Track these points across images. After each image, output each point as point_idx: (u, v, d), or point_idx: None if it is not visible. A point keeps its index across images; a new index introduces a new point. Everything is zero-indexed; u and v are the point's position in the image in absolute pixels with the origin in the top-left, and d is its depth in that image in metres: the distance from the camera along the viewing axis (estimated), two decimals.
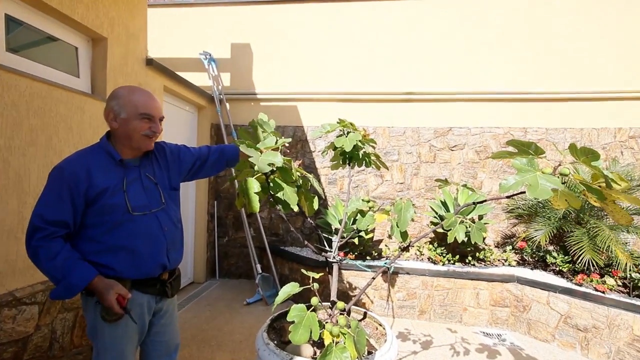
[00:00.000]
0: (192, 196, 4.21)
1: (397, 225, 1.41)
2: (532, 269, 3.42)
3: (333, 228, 3.74)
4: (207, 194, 4.29)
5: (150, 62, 3.01)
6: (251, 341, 2.77)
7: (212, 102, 4.30)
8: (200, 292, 3.86)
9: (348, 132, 1.74)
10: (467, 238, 1.40)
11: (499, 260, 3.65)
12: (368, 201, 1.55)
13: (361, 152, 1.80)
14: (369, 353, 1.34)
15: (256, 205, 1.37)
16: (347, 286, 3.42)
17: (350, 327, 1.20)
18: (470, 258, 3.51)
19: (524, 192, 1.24)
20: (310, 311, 1.22)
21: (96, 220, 1.24)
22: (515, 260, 3.63)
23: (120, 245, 1.27)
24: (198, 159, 1.62)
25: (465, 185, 1.43)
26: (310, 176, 1.76)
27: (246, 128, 1.53)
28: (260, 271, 3.83)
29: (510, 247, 3.71)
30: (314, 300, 1.29)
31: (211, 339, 2.79)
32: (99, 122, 2.44)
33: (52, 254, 1.14)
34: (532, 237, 3.33)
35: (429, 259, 3.65)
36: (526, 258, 3.67)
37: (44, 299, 2.00)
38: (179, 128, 3.90)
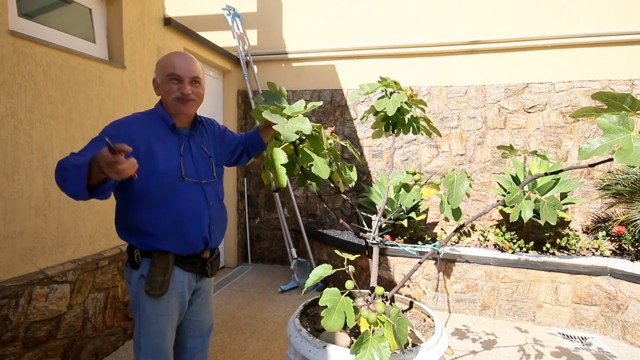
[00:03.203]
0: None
1: (447, 201, 1.39)
2: (632, 260, 3.19)
3: (378, 208, 3.75)
4: (236, 171, 4.48)
5: (168, 22, 3.13)
6: (286, 330, 2.93)
7: (237, 64, 4.40)
8: (232, 277, 4.13)
9: (391, 93, 1.71)
10: (546, 221, 1.34)
11: (587, 248, 3.44)
12: (414, 173, 1.53)
13: (407, 117, 1.76)
14: (414, 346, 1.37)
15: (283, 178, 1.43)
16: (395, 275, 3.45)
17: (390, 314, 1.24)
18: (548, 245, 3.35)
19: (612, 160, 1.15)
20: (345, 296, 1.27)
21: (146, 186, 1.39)
22: (609, 250, 3.40)
23: (167, 214, 1.42)
24: (240, 144, 1.79)
25: (535, 152, 1.35)
26: (347, 142, 1.77)
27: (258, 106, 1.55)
28: (296, 256, 3.99)
29: (604, 232, 3.47)
30: (349, 284, 1.34)
31: (244, 326, 3.00)
32: (119, 91, 2.63)
33: (68, 157, 1.21)
34: (635, 220, 3.08)
35: (495, 245, 3.54)
36: (625, 246, 3.43)
37: (75, 278, 2.28)
38: None
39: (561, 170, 1.33)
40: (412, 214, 3.58)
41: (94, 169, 1.12)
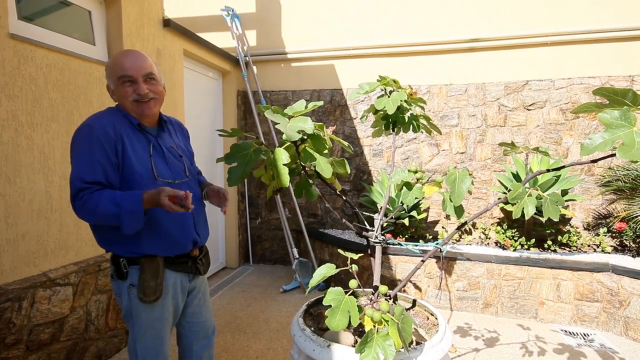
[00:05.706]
0: (219, 174, 4.42)
1: (450, 199, 1.39)
2: (633, 256, 3.19)
3: (379, 207, 3.74)
4: None
5: (167, 23, 3.13)
6: (288, 330, 2.93)
7: (237, 65, 4.40)
8: (233, 278, 4.13)
9: (390, 92, 1.71)
10: (547, 218, 1.33)
11: (588, 245, 3.44)
12: (415, 171, 1.53)
13: (407, 115, 1.76)
14: (418, 344, 1.37)
15: (286, 178, 1.42)
16: (397, 274, 3.45)
17: (394, 313, 1.24)
18: (550, 242, 3.35)
19: (614, 155, 1.15)
20: (349, 295, 1.27)
21: (129, 190, 1.36)
22: (611, 246, 3.40)
23: (151, 218, 1.38)
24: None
25: (537, 149, 1.35)
26: (336, 138, 1.77)
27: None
28: (297, 256, 3.99)
29: (605, 229, 3.47)
30: (352, 283, 1.34)
31: (246, 326, 3.00)
32: None
33: (97, 199, 1.25)
34: (636, 216, 3.08)
35: (496, 243, 3.54)
36: (626, 243, 3.43)
37: (77, 281, 2.28)
38: (202, 97, 4.06)
39: (563, 167, 1.33)
40: (414, 213, 3.57)
41: (145, 204, 1.28)
